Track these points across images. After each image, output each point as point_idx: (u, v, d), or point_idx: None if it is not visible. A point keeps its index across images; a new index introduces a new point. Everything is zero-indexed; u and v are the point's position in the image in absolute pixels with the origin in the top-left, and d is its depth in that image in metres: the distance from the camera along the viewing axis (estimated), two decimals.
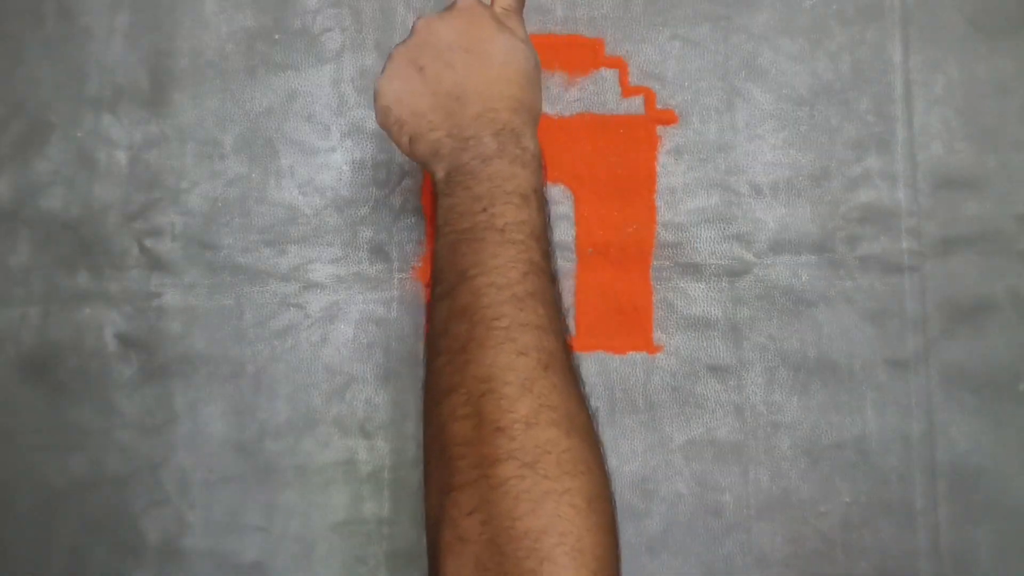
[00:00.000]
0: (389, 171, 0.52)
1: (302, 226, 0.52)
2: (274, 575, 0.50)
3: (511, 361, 0.34)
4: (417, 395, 0.50)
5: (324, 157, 0.52)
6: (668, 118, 0.51)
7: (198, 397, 0.51)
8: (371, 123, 0.52)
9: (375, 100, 0.41)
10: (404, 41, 0.42)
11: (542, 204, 0.39)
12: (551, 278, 0.37)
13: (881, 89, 0.51)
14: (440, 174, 0.40)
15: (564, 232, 0.51)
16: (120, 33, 0.53)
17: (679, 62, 0.52)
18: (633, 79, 0.52)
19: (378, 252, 0.51)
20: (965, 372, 0.49)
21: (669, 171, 0.51)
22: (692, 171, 0.51)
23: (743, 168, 0.51)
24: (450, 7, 0.42)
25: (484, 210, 0.37)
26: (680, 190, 0.51)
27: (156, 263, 0.52)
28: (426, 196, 0.52)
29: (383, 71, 0.41)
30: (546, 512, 0.31)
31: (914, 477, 0.48)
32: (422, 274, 0.51)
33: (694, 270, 0.50)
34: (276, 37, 0.53)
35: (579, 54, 0.52)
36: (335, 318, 0.51)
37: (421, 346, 0.50)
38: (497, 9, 0.42)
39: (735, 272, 0.50)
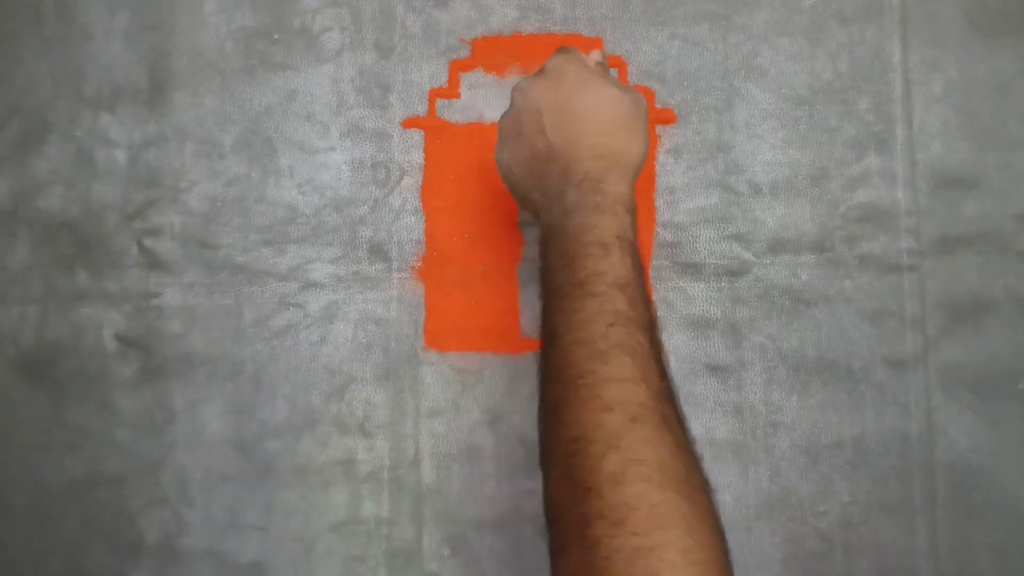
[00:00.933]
0: (389, 171, 0.52)
1: (301, 226, 0.52)
2: (273, 575, 0.50)
3: (597, 418, 0.33)
4: (416, 394, 0.50)
5: (323, 157, 0.52)
6: (667, 117, 0.51)
7: (197, 397, 0.51)
8: (370, 123, 0.52)
9: (499, 170, 0.44)
10: (506, 111, 0.44)
11: (627, 249, 0.38)
12: (642, 326, 0.36)
13: (880, 89, 0.51)
14: (541, 232, 0.41)
15: None
16: (119, 33, 0.53)
17: (678, 61, 0.52)
18: (632, 78, 0.52)
19: (377, 252, 0.51)
20: (964, 371, 0.49)
21: (668, 170, 0.51)
22: (691, 171, 0.51)
23: (742, 168, 0.51)
24: (541, 69, 0.43)
25: (567, 266, 0.38)
26: (679, 190, 0.51)
27: (155, 262, 0.52)
28: (425, 196, 0.52)
29: (498, 143, 0.44)
30: (639, 570, 0.30)
31: (913, 476, 0.48)
32: (422, 274, 0.51)
33: (693, 270, 0.50)
34: (275, 36, 0.53)
35: None
36: (334, 318, 0.51)
37: (421, 345, 0.50)
38: (592, 60, 0.44)
39: (734, 272, 0.50)
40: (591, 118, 0.41)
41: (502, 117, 0.44)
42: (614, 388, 0.34)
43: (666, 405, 0.35)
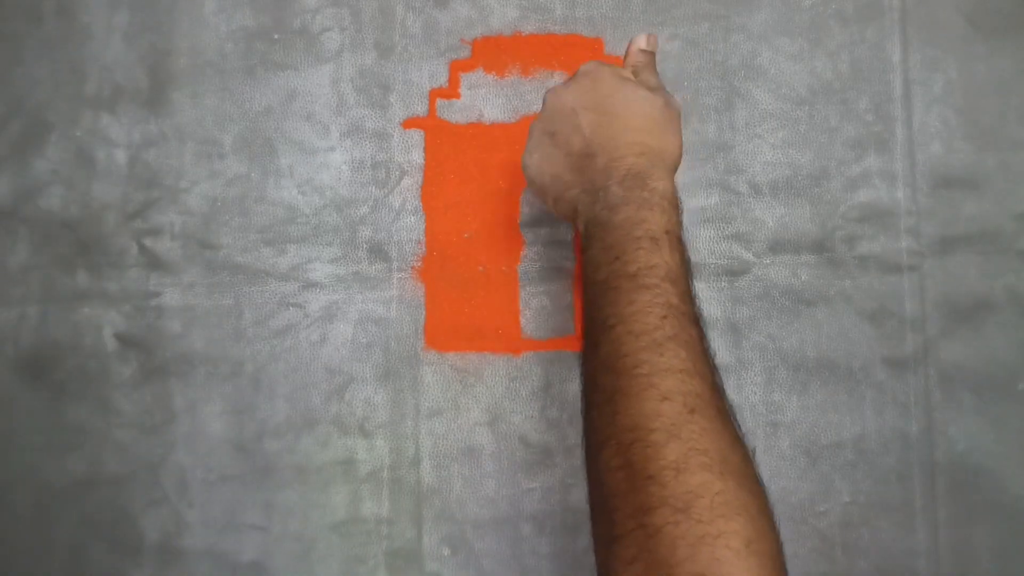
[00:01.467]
0: (388, 171, 0.52)
1: (301, 226, 0.52)
2: (273, 574, 0.50)
3: (656, 408, 0.33)
4: (416, 394, 0.50)
5: (323, 157, 0.52)
6: None
7: (197, 396, 0.51)
8: (370, 122, 0.52)
9: (525, 174, 0.44)
10: (538, 114, 0.44)
11: (676, 244, 0.39)
12: (692, 319, 0.37)
13: (880, 89, 0.51)
14: (580, 228, 0.41)
15: (564, 231, 0.51)
16: (119, 32, 0.53)
17: (678, 61, 0.52)
18: None
19: (377, 252, 0.51)
20: (964, 371, 0.49)
21: None
22: (691, 170, 0.51)
23: (742, 168, 0.51)
24: (573, 75, 0.43)
25: (616, 259, 0.38)
26: (679, 189, 0.51)
27: (155, 262, 0.52)
28: (425, 196, 0.52)
29: (526, 147, 0.44)
30: (703, 557, 0.30)
31: (913, 476, 0.48)
32: (422, 274, 0.51)
33: (694, 269, 0.50)
34: (275, 37, 0.53)
35: (578, 53, 0.52)
36: (334, 318, 0.51)
37: (421, 345, 0.50)
38: (627, 70, 0.44)
39: (734, 272, 0.50)
40: (629, 115, 0.41)
41: (533, 121, 0.44)
42: (671, 379, 0.34)
43: (720, 398, 0.35)
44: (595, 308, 0.38)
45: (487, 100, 0.52)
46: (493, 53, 0.53)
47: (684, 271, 0.38)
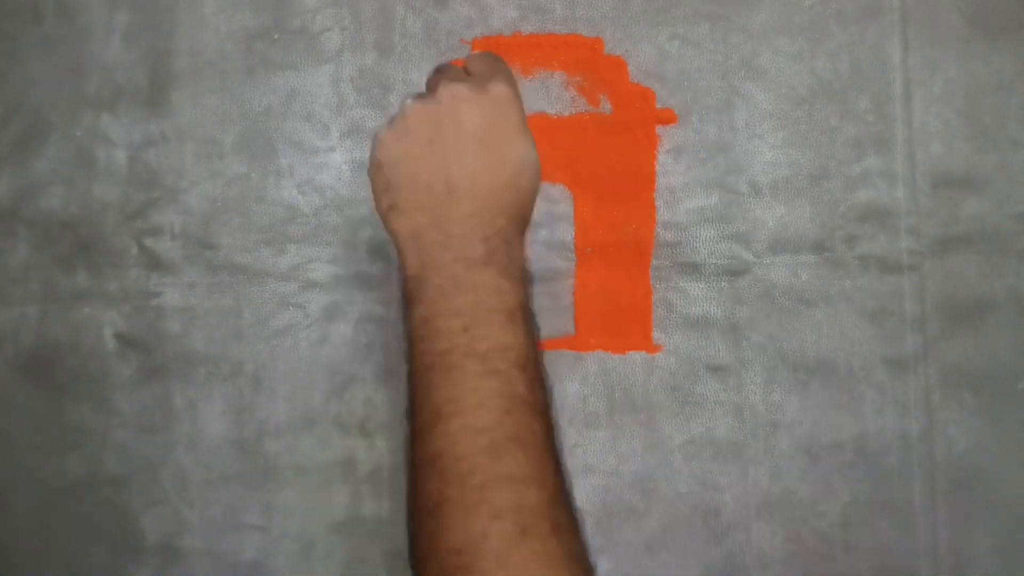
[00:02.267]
0: None
1: (301, 226, 0.52)
2: (273, 574, 0.50)
3: (484, 528, 0.30)
4: None
5: (323, 157, 0.52)
6: (667, 117, 0.51)
7: (197, 397, 0.51)
8: (371, 122, 0.52)
9: (372, 147, 0.38)
10: (424, 99, 0.37)
11: (529, 323, 0.35)
12: (537, 412, 0.33)
13: (880, 89, 0.51)
14: (412, 266, 0.36)
15: (563, 231, 0.51)
16: (119, 32, 0.53)
17: (678, 61, 0.52)
18: (632, 78, 0.52)
19: (377, 252, 0.51)
20: (964, 371, 0.49)
21: (668, 170, 0.51)
22: (691, 170, 0.51)
23: (742, 167, 0.51)
24: (483, 88, 0.37)
25: (465, 329, 0.33)
26: (679, 189, 0.51)
27: (155, 262, 0.52)
28: None
29: (391, 122, 0.38)
30: None
31: (913, 476, 0.48)
32: None
33: (693, 269, 0.50)
34: (275, 37, 0.53)
35: (578, 53, 0.52)
36: (334, 318, 0.51)
37: None
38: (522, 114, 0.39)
39: (734, 272, 0.50)
40: (516, 176, 0.37)
41: (415, 103, 0.37)
42: (506, 491, 0.31)
43: (559, 509, 0.32)
44: (427, 388, 0.33)
45: None
46: (492, 53, 0.52)
47: (535, 352, 0.34)
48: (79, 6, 0.54)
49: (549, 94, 0.52)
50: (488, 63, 0.39)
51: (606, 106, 0.52)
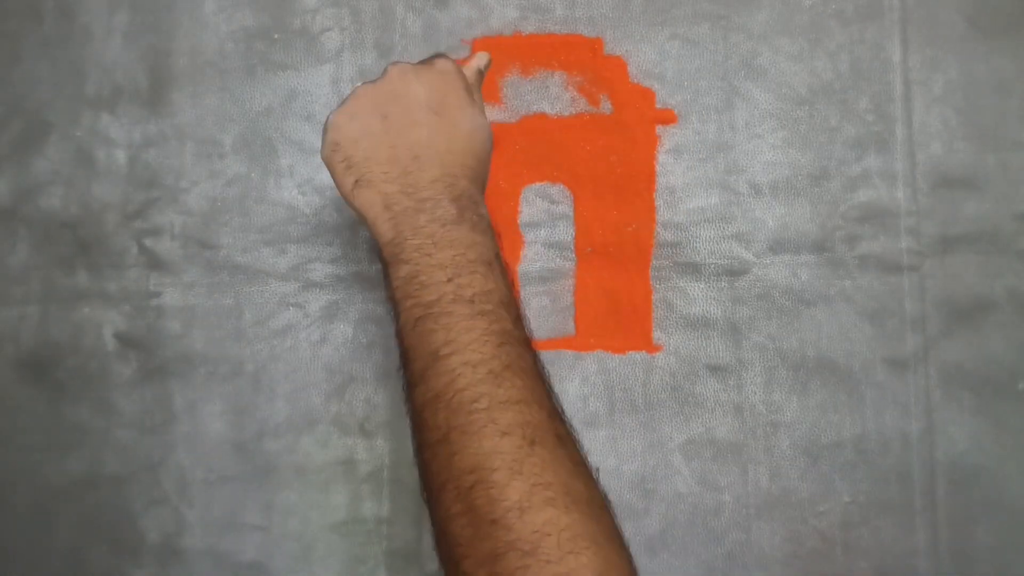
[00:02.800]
0: None
1: (301, 225, 0.52)
2: (273, 574, 0.50)
3: (495, 444, 0.32)
4: None
5: None
6: (667, 117, 0.51)
7: (197, 397, 0.51)
8: None
9: (325, 132, 0.40)
10: (373, 82, 0.40)
11: (504, 270, 0.38)
12: (525, 344, 0.36)
13: (880, 89, 0.51)
14: (388, 233, 0.38)
15: (564, 231, 0.51)
16: (119, 32, 0.53)
17: (678, 61, 0.52)
18: (632, 78, 0.52)
19: (377, 252, 0.51)
20: (964, 371, 0.49)
21: (668, 170, 0.51)
22: (691, 170, 0.51)
23: (742, 168, 0.51)
24: (428, 63, 0.41)
25: (450, 280, 0.36)
26: (679, 189, 0.51)
27: (155, 262, 0.52)
28: None
29: (342, 105, 0.40)
30: None
31: (913, 476, 0.48)
32: None
33: (693, 270, 0.50)
34: (275, 36, 0.53)
35: (578, 53, 0.52)
36: (334, 317, 0.51)
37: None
38: (468, 73, 0.43)
39: (734, 272, 0.50)
40: (470, 138, 0.40)
41: (364, 86, 0.40)
42: (510, 411, 0.33)
43: (559, 423, 0.34)
44: (421, 336, 0.35)
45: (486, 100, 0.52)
46: (493, 53, 0.52)
47: (514, 298, 0.37)
48: (79, 6, 0.54)
49: (549, 94, 0.52)
50: (432, 55, 0.43)
51: (606, 106, 0.52)
